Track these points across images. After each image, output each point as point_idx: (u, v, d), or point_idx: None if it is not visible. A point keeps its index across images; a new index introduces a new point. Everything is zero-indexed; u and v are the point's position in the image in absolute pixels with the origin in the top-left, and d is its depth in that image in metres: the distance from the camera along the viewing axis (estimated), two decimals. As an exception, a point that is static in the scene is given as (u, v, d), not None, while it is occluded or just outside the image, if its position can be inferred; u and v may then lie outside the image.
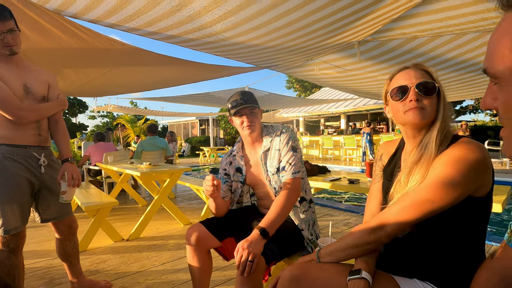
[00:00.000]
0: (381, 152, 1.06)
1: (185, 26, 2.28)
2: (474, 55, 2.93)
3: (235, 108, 1.45)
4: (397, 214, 0.78)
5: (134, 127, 16.80)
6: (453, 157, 0.75)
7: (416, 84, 0.84)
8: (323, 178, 2.15)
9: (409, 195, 0.79)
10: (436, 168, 0.77)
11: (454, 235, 0.82)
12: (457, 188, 0.73)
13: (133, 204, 4.50)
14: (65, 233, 1.81)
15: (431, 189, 0.75)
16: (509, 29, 0.36)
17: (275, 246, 1.28)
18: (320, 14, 2.07)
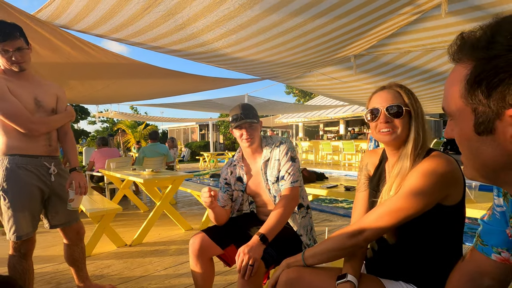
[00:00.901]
0: (365, 162, 1.15)
1: (188, 42, 2.39)
2: None
3: (235, 122, 1.54)
4: (375, 220, 0.87)
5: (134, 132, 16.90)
6: (423, 170, 0.85)
7: (386, 107, 0.94)
8: (320, 185, 2.23)
9: (385, 204, 0.88)
10: (409, 180, 0.87)
11: (432, 240, 0.91)
12: (425, 197, 0.83)
13: (134, 210, 4.57)
14: (73, 238, 1.89)
15: (403, 198, 0.84)
16: (458, 78, 0.46)
17: (274, 251, 1.36)
18: (318, 32, 2.18)
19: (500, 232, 0.63)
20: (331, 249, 0.92)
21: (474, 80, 0.42)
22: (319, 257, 0.94)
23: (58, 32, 2.24)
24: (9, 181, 1.58)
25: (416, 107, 0.93)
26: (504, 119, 0.40)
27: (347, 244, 0.90)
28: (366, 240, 0.89)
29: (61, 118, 1.79)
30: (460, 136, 0.48)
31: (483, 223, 0.68)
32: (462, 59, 0.46)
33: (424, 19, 2.02)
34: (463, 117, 0.46)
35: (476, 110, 0.43)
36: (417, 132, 0.92)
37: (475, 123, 0.44)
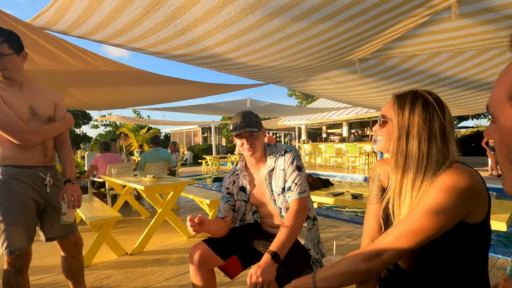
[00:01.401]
0: (378, 172, 1.07)
1: (188, 48, 2.34)
2: (473, 72, 2.96)
3: (235, 130, 1.48)
4: (393, 242, 0.79)
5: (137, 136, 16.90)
6: (443, 185, 0.78)
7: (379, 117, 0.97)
8: (326, 193, 2.16)
9: (403, 223, 0.81)
10: (427, 196, 0.79)
11: (454, 260, 0.83)
12: (446, 214, 0.75)
13: (136, 216, 4.51)
14: (70, 251, 1.83)
15: (423, 216, 0.77)
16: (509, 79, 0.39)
17: (285, 268, 1.28)
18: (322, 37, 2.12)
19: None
20: (344, 272, 0.85)
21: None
22: (331, 280, 0.86)
23: (56, 40, 2.20)
24: (2, 193, 1.52)
25: (406, 120, 0.87)
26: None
27: (362, 268, 0.82)
28: (383, 264, 0.81)
29: (58, 126, 1.72)
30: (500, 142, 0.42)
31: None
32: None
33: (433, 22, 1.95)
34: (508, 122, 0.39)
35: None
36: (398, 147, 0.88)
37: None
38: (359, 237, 3.18)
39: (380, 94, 4.02)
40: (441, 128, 0.85)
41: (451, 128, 0.87)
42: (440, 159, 0.84)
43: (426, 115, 0.86)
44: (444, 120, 0.86)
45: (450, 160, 0.83)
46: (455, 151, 0.85)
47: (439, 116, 0.85)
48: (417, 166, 0.85)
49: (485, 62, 2.67)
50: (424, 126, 0.85)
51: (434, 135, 0.84)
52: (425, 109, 0.86)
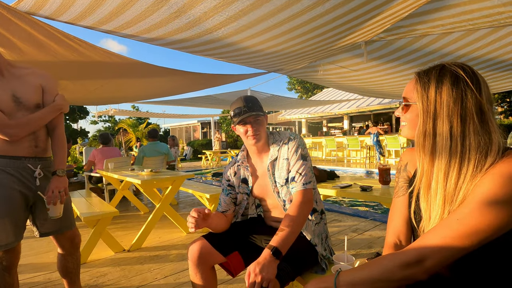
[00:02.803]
0: (405, 161, 0.95)
1: (184, 33, 2.19)
2: (486, 51, 2.82)
3: (239, 116, 1.35)
4: (440, 244, 0.66)
5: (136, 131, 16.78)
6: (502, 176, 0.64)
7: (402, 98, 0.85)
8: (332, 185, 2.04)
9: (450, 223, 0.67)
10: (481, 189, 0.66)
11: (500, 264, 0.70)
12: (509, 210, 0.62)
13: (134, 211, 4.41)
14: (66, 247, 1.71)
15: (482, 211, 0.64)
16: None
17: (288, 265, 1.17)
18: (327, 17, 1.98)
19: None
20: (376, 279, 0.70)
21: None
22: (359, 287, 0.71)
23: (42, 26, 2.06)
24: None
25: (429, 101, 0.75)
26: None
27: (399, 276, 0.68)
28: (426, 272, 0.67)
29: (47, 113, 1.55)
30: None
31: None
32: None
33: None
34: None
35: None
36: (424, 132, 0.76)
37: None
38: (364, 231, 3.08)
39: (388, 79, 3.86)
40: (477, 106, 0.71)
41: (490, 105, 0.72)
42: (481, 143, 0.69)
43: (457, 93, 0.72)
44: (481, 97, 0.71)
45: (497, 144, 0.69)
46: (499, 134, 0.70)
47: (473, 92, 0.71)
48: (451, 151, 0.71)
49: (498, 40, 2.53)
50: (455, 106, 0.72)
51: (470, 116, 0.71)
52: (455, 86, 0.72)
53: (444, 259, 0.66)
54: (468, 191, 0.68)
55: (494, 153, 0.68)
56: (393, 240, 0.88)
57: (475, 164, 0.69)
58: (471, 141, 0.70)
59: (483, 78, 0.75)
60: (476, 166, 0.69)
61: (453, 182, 0.71)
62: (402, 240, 0.87)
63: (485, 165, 0.68)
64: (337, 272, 0.78)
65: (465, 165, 0.70)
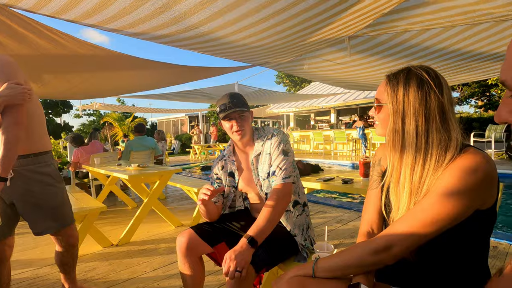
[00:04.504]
0: (379, 156, 1.02)
1: (170, 28, 2.19)
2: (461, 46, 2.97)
3: (224, 112, 1.40)
4: (405, 232, 0.73)
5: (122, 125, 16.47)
6: (460, 169, 0.71)
7: (375, 99, 0.91)
8: (316, 178, 2.12)
9: (415, 213, 0.74)
10: (442, 181, 0.73)
11: (458, 248, 0.79)
12: (465, 201, 0.70)
13: (122, 206, 4.39)
14: (62, 244, 1.72)
15: (442, 201, 0.71)
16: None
17: (265, 253, 1.24)
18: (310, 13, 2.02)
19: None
20: (349, 265, 0.79)
21: None
22: (334, 272, 0.81)
23: (22, 19, 2.01)
24: None
25: (398, 102, 0.81)
26: None
27: (369, 261, 0.77)
28: (394, 258, 0.75)
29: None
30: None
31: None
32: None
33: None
34: None
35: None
36: (395, 131, 0.83)
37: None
38: (348, 222, 3.20)
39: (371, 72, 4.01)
40: (439, 106, 0.78)
41: (450, 106, 0.80)
42: (442, 140, 0.77)
43: (422, 94, 0.79)
44: (443, 98, 0.79)
45: (455, 141, 0.77)
46: (458, 131, 0.78)
47: (436, 94, 0.79)
48: (416, 148, 0.79)
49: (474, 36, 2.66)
50: (420, 107, 0.79)
51: (433, 115, 0.78)
52: (420, 88, 0.80)
53: (409, 245, 0.73)
54: (431, 184, 0.76)
55: (452, 149, 0.76)
56: (367, 229, 0.95)
57: (437, 159, 0.76)
58: (434, 138, 0.78)
59: (445, 80, 0.82)
60: (437, 161, 0.76)
61: (418, 175, 0.78)
62: (374, 229, 0.95)
63: (445, 160, 0.76)
64: (315, 259, 0.85)
65: (428, 160, 0.77)
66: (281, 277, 0.87)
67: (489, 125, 8.76)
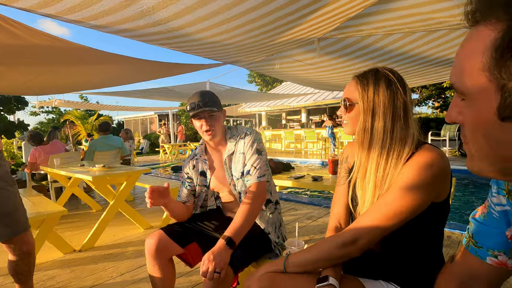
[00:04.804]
0: (346, 154, 1.06)
1: (137, 21, 2.10)
2: (420, 50, 3.20)
3: (193, 110, 1.37)
4: (370, 226, 0.77)
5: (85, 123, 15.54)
6: (418, 165, 0.77)
7: (342, 100, 0.93)
8: (287, 176, 2.15)
9: (379, 207, 0.79)
10: (404, 174, 0.78)
11: (416, 238, 0.84)
12: (426, 192, 0.75)
13: (86, 209, 4.15)
14: (16, 252, 1.57)
15: (402, 196, 0.76)
16: (481, 45, 0.35)
17: (242, 252, 1.24)
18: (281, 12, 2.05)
19: (498, 233, 0.56)
20: (319, 259, 0.82)
21: (508, 46, 0.32)
22: (304, 267, 0.84)
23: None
24: None
25: (369, 101, 0.85)
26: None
27: (337, 255, 0.80)
28: (360, 250, 0.79)
29: None
30: (475, 120, 0.38)
31: (476, 222, 0.60)
32: (486, 19, 0.35)
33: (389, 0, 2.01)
34: (483, 96, 0.36)
35: (505, 87, 0.33)
36: (364, 129, 0.86)
37: (500, 105, 0.34)
38: (318, 218, 3.29)
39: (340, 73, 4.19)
40: (404, 105, 0.84)
41: (411, 105, 0.87)
42: (403, 136, 0.83)
43: (390, 94, 0.84)
44: (406, 98, 0.85)
45: (413, 138, 0.83)
46: (416, 128, 0.85)
47: (401, 94, 0.85)
48: (382, 145, 0.84)
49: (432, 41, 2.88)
50: (389, 105, 0.84)
51: (398, 114, 0.84)
52: (388, 88, 0.85)
53: (374, 237, 0.78)
54: (392, 178, 0.81)
55: (409, 144, 0.82)
56: (335, 224, 0.99)
57: (398, 154, 0.82)
58: (397, 135, 0.83)
59: (406, 82, 0.88)
60: (398, 156, 0.82)
61: (382, 170, 0.83)
62: (342, 224, 0.99)
63: (404, 154, 0.81)
64: (286, 255, 0.87)
65: (391, 155, 0.83)
66: (253, 274, 0.87)
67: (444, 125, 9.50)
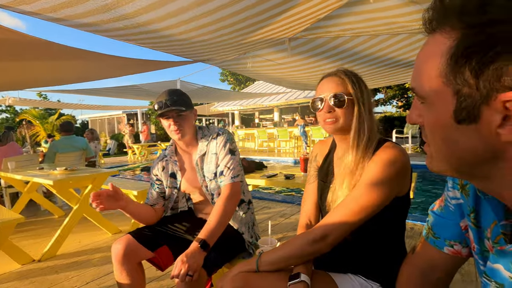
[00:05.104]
0: (315, 153, 1.09)
1: (101, 15, 1.99)
2: (385, 53, 3.38)
3: (160, 110, 1.32)
4: (338, 222, 0.80)
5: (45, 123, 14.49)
6: (382, 162, 0.81)
7: (330, 96, 0.88)
8: (260, 175, 2.17)
9: (347, 202, 0.82)
10: (368, 172, 0.82)
11: (380, 232, 0.89)
12: (388, 188, 0.79)
13: (47, 216, 3.86)
14: None
15: (367, 192, 0.79)
16: (438, 52, 0.37)
17: (215, 254, 1.22)
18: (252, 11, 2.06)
19: (453, 224, 0.60)
20: (291, 256, 0.83)
21: (462, 54, 0.34)
22: (277, 265, 0.84)
23: None
24: None
25: (360, 95, 0.88)
26: (493, 105, 0.33)
27: (308, 251, 0.82)
28: (330, 245, 0.81)
29: None
30: (434, 123, 0.40)
31: (434, 214, 0.65)
32: (442, 27, 0.37)
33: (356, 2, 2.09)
34: (441, 100, 0.38)
35: (460, 92, 0.35)
36: (360, 122, 0.86)
37: (456, 108, 0.36)
38: (291, 216, 3.35)
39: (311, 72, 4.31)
40: (372, 103, 0.90)
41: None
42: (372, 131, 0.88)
43: (368, 91, 0.89)
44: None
45: (376, 135, 0.87)
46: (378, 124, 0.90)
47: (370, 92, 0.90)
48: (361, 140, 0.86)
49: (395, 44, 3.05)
50: (370, 101, 0.89)
51: (371, 110, 0.89)
52: (365, 85, 0.90)
53: (343, 233, 0.80)
54: (360, 174, 0.84)
55: (373, 141, 0.87)
56: (305, 221, 1.01)
57: (365, 150, 0.86)
58: (371, 130, 0.87)
59: None
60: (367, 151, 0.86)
61: (354, 165, 0.86)
62: (312, 221, 1.01)
63: (370, 149, 0.85)
64: (259, 254, 0.87)
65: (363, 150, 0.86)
66: (226, 275, 0.86)
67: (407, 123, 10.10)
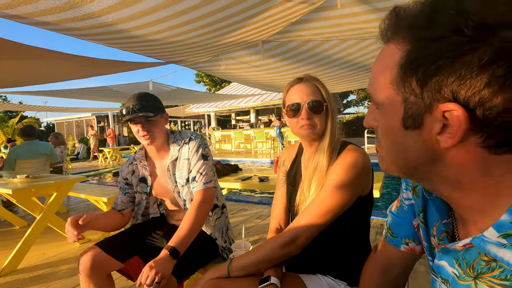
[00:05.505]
0: (283, 158, 1.11)
1: (64, 13, 1.88)
2: (354, 57, 3.53)
3: (128, 115, 1.26)
4: (306, 225, 0.82)
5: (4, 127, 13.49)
6: (345, 164, 0.85)
7: (308, 103, 0.90)
8: (235, 178, 2.16)
9: (314, 205, 0.84)
10: (333, 175, 0.85)
11: (346, 232, 0.92)
12: (351, 190, 0.83)
13: (7, 226, 3.59)
14: None
15: (332, 195, 0.82)
16: (391, 61, 0.39)
17: (186, 260, 1.20)
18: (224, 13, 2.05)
19: (408, 223, 0.64)
20: (262, 261, 0.84)
21: (410, 65, 0.36)
22: (249, 269, 0.84)
23: None
24: None
25: (331, 102, 0.92)
26: (434, 114, 0.35)
27: (279, 254, 0.83)
28: (300, 248, 0.83)
29: None
30: (385, 128, 0.43)
31: (392, 215, 0.68)
32: (395, 38, 0.39)
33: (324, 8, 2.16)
34: (392, 107, 0.40)
35: (407, 100, 0.38)
36: (333, 128, 0.92)
37: (404, 115, 0.38)
38: (267, 217, 3.37)
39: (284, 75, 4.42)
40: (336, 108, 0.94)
41: None
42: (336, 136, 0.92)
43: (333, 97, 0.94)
44: None
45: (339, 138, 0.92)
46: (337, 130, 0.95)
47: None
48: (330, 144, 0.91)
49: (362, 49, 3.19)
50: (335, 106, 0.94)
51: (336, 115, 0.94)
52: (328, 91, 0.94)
53: (312, 235, 0.83)
54: (326, 176, 0.87)
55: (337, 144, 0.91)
56: (275, 225, 1.03)
57: (331, 153, 0.89)
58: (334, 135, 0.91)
59: None
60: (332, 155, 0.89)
61: (321, 169, 0.89)
62: (282, 225, 1.03)
63: (335, 152, 0.89)
64: (229, 260, 0.87)
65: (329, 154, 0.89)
66: (197, 282, 0.85)
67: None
